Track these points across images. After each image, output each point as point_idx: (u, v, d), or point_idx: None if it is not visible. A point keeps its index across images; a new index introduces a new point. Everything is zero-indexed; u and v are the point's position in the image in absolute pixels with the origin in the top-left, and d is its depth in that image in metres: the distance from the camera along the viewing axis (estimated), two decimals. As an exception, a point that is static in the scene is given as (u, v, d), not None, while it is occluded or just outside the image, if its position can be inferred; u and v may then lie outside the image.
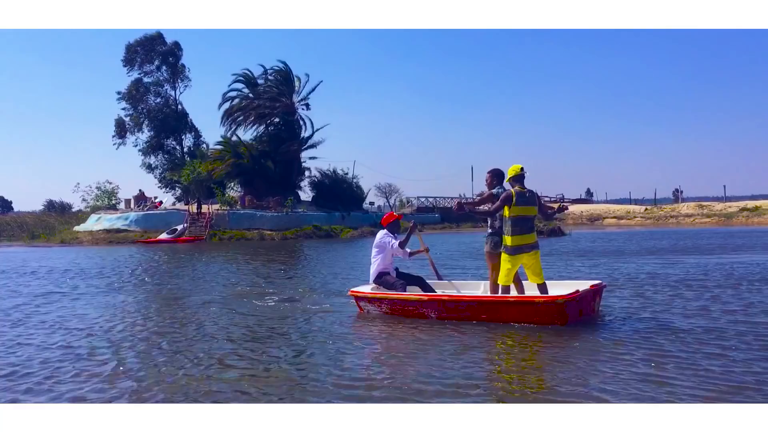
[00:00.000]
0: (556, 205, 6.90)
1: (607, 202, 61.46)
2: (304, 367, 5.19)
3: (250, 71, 42.11)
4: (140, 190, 40.59)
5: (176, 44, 46.11)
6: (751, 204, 46.44)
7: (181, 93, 47.25)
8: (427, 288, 7.86)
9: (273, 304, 8.75)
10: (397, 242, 7.88)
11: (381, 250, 7.93)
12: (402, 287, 7.69)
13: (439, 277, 8.28)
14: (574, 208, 53.35)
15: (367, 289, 7.89)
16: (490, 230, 7.12)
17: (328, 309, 8.13)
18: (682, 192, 61.12)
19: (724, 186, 54.03)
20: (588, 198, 67.37)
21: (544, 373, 4.87)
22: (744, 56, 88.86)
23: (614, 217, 49.43)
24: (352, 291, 7.93)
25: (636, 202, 59.32)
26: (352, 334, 6.56)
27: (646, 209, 51.01)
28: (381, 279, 7.89)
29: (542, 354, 5.44)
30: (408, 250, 8.11)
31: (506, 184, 7.01)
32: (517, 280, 7.02)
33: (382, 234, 8.00)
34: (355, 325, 7.07)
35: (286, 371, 5.05)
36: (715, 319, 6.70)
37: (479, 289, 7.88)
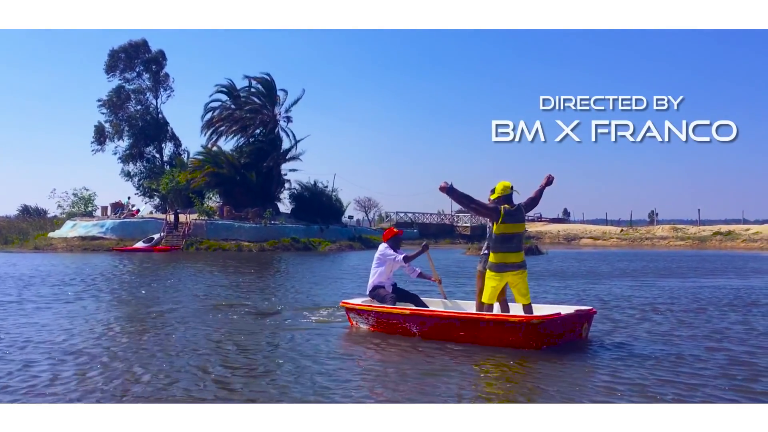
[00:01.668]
0: (543, 182, 6.79)
1: (583, 222, 62.10)
2: (249, 380, 5.19)
3: (232, 82, 42.01)
4: (128, 198, 40.16)
5: (161, 53, 45.80)
6: (724, 228, 47.32)
7: (163, 103, 46.92)
8: (421, 306, 7.75)
9: (236, 317, 8.70)
10: (402, 256, 7.80)
11: (381, 262, 7.85)
12: (392, 301, 7.60)
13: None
14: (551, 227, 53.97)
15: (359, 301, 7.90)
16: (486, 251, 6.97)
17: (295, 326, 8.07)
18: (657, 214, 62.19)
19: (699, 210, 54.83)
20: (565, 218, 68.00)
21: (494, 389, 4.93)
22: (719, 81, 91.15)
23: (591, 238, 49.98)
24: (344, 303, 7.96)
25: (612, 223, 60.01)
26: (323, 349, 6.51)
27: (622, 230, 51.66)
28: (375, 292, 7.82)
29: (502, 375, 5.49)
30: (417, 269, 8.06)
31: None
32: (505, 303, 6.99)
33: (383, 247, 7.94)
34: (327, 340, 7.01)
35: (234, 378, 5.05)
36: (678, 345, 6.81)
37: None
